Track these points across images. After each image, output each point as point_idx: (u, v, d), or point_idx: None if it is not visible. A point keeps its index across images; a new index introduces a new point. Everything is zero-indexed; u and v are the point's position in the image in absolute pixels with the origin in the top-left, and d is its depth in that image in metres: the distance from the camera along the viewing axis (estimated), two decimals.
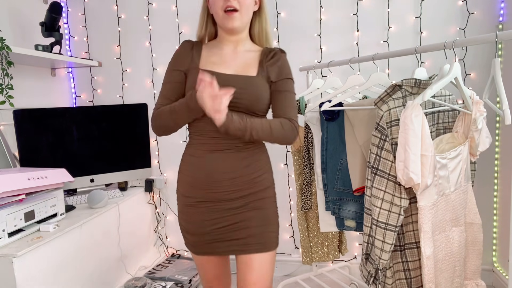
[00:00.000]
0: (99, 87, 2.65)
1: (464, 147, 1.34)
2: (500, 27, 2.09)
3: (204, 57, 1.30)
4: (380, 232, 1.28)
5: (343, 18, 2.30)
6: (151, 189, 2.52)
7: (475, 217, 1.40)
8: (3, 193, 1.43)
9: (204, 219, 1.27)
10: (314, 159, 1.82)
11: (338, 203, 1.67)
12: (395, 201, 1.25)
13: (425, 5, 2.19)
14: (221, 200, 1.25)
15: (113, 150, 2.35)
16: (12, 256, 1.41)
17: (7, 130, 2.06)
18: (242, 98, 1.21)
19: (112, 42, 2.59)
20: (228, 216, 1.26)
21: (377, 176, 1.27)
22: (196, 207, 1.28)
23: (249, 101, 1.22)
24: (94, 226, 1.91)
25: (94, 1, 2.58)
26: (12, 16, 2.17)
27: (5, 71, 1.80)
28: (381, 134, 1.27)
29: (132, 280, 2.12)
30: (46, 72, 2.45)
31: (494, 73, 1.22)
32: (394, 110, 1.28)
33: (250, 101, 1.22)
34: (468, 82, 2.16)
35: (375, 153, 1.28)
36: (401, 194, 1.25)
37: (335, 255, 2.10)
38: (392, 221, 1.26)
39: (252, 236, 1.27)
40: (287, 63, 1.32)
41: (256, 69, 1.28)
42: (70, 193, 2.25)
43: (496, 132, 2.14)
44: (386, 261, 1.29)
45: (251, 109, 1.24)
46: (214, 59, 1.29)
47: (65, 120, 2.18)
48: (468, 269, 1.43)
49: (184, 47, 1.32)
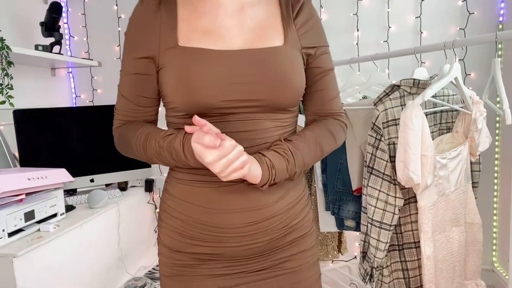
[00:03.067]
0: (99, 87, 2.65)
1: (464, 147, 1.33)
2: (500, 27, 2.09)
3: (185, 21, 0.75)
4: (375, 231, 1.29)
5: (343, 18, 2.30)
6: (151, 189, 2.52)
7: (475, 217, 1.40)
8: (3, 193, 1.43)
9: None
10: None
11: (338, 203, 1.67)
12: (389, 200, 1.26)
13: (425, 5, 2.19)
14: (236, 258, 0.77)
15: (113, 150, 2.32)
16: (12, 256, 1.41)
17: (7, 130, 2.06)
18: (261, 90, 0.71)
19: (112, 42, 2.59)
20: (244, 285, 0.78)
21: (372, 175, 1.28)
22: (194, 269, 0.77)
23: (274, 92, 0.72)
24: (94, 226, 1.90)
25: (94, 1, 2.58)
26: (12, 16, 2.17)
27: (5, 71, 1.80)
28: (377, 134, 1.27)
29: (132, 280, 2.12)
30: (46, 72, 2.44)
31: (494, 73, 1.22)
32: (391, 110, 1.28)
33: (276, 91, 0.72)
34: (468, 82, 2.16)
35: (370, 153, 1.29)
36: (395, 193, 1.26)
37: (335, 255, 2.10)
38: (386, 220, 1.27)
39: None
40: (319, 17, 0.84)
41: (281, 32, 0.77)
42: (70, 193, 2.25)
43: (496, 132, 2.14)
44: (381, 260, 1.30)
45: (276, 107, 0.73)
46: (205, 23, 0.75)
47: (65, 120, 2.18)
48: (468, 269, 1.43)
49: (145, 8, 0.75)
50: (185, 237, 0.77)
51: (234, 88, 0.70)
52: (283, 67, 0.73)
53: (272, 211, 0.75)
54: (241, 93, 0.70)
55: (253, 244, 0.75)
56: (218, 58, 0.71)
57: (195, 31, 0.74)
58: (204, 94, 0.70)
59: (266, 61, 0.72)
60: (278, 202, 0.76)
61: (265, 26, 0.77)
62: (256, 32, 0.75)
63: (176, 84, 0.71)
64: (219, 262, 0.77)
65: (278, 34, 0.77)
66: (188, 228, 0.76)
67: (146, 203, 2.55)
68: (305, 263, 0.81)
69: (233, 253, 0.75)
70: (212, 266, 0.77)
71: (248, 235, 0.74)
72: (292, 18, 0.78)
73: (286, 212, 0.77)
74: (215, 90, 0.70)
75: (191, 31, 0.74)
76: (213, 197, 0.74)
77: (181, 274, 0.78)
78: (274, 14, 0.78)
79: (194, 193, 0.75)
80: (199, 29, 0.74)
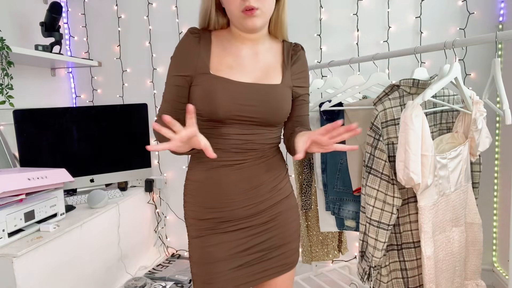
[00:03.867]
0: (99, 87, 2.65)
1: (464, 147, 1.34)
2: (500, 27, 2.09)
3: (216, 56, 1.06)
4: (373, 230, 1.29)
5: (343, 18, 2.30)
6: (151, 189, 2.52)
7: (475, 217, 1.40)
8: (3, 193, 1.43)
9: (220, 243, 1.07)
10: (314, 159, 1.82)
11: (338, 203, 1.67)
12: (387, 200, 1.26)
13: (425, 5, 2.19)
14: (239, 218, 1.07)
15: (113, 150, 2.35)
16: (12, 256, 1.41)
17: (7, 130, 2.06)
18: (261, 112, 1.03)
19: (112, 42, 2.59)
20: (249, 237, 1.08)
21: (370, 175, 1.28)
22: (211, 229, 1.08)
23: (269, 114, 1.04)
24: (94, 226, 1.90)
25: (94, 1, 2.58)
26: (12, 16, 2.17)
27: (5, 71, 1.80)
28: (375, 134, 1.27)
29: (132, 280, 2.12)
30: (46, 72, 2.45)
31: (494, 73, 1.22)
32: (390, 110, 1.28)
33: (271, 114, 1.05)
34: (468, 82, 2.16)
35: (369, 152, 1.29)
36: (393, 193, 1.26)
37: (335, 255, 2.10)
38: (384, 219, 1.27)
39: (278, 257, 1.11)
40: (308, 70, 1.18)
41: (280, 74, 1.09)
42: (70, 193, 2.25)
43: (496, 132, 2.14)
44: (378, 259, 1.30)
45: (269, 123, 1.06)
46: (229, 60, 1.05)
47: (65, 120, 2.18)
48: (468, 269, 1.43)
49: (189, 41, 1.06)
50: (204, 208, 1.08)
51: (243, 108, 1.02)
52: (278, 99, 1.06)
53: (261, 180, 1.08)
54: (247, 112, 1.02)
55: (252, 205, 1.07)
56: (236, 86, 1.02)
57: (222, 64, 1.05)
58: (222, 109, 1.01)
59: (267, 94, 1.04)
60: (264, 174, 1.09)
61: (270, 68, 1.09)
62: (263, 72, 1.07)
63: (204, 98, 1.02)
64: (230, 222, 1.07)
65: (278, 75, 1.09)
66: (206, 201, 1.08)
67: (146, 203, 2.55)
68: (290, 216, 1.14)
69: (239, 214, 1.06)
70: (225, 226, 1.07)
71: (247, 199, 1.06)
72: (290, 65, 1.11)
73: (270, 180, 1.10)
74: (230, 108, 1.01)
75: (219, 64, 1.05)
76: (220, 176, 1.06)
77: (203, 235, 1.08)
78: (278, 60, 1.11)
79: (207, 176, 1.07)
80: (225, 63, 1.05)
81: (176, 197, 2.63)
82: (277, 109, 1.06)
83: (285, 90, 1.08)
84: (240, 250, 1.08)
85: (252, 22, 1.00)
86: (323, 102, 1.68)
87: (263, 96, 1.03)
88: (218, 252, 1.06)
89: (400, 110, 1.30)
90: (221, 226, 1.07)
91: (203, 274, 1.08)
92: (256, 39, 1.08)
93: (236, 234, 1.07)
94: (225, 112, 1.01)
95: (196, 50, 1.05)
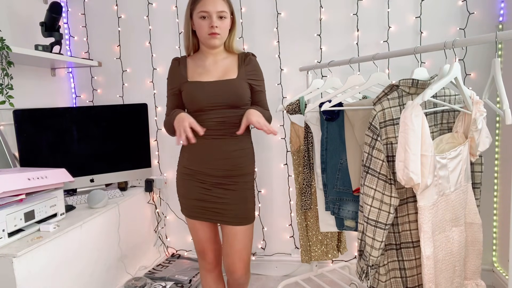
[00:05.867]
0: (99, 87, 2.65)
1: (464, 147, 1.34)
2: (500, 27, 2.09)
3: (191, 69, 1.60)
4: (370, 230, 1.29)
5: (343, 18, 2.30)
6: (151, 189, 2.52)
7: (475, 217, 1.40)
8: (3, 193, 1.43)
9: (196, 186, 1.59)
10: (314, 159, 1.82)
11: (338, 203, 1.67)
12: (385, 200, 1.26)
13: (425, 5, 2.19)
14: (211, 175, 1.56)
15: (113, 150, 2.35)
16: (12, 256, 1.41)
17: (7, 130, 2.06)
18: (227, 98, 1.52)
19: (112, 42, 2.59)
20: (214, 189, 1.57)
21: (368, 174, 1.28)
22: (192, 176, 1.59)
23: (233, 99, 1.53)
24: (94, 226, 1.91)
25: (94, 1, 2.58)
26: (12, 16, 2.17)
27: (5, 71, 1.80)
28: (373, 134, 1.27)
29: (132, 280, 2.12)
30: (46, 72, 2.45)
31: (494, 73, 1.22)
32: (389, 110, 1.28)
33: (234, 99, 1.53)
34: (468, 82, 2.16)
35: (367, 152, 1.29)
36: (391, 193, 1.26)
37: (334, 255, 2.10)
38: (382, 219, 1.27)
39: (232, 211, 1.57)
40: (259, 66, 1.66)
41: (236, 72, 1.59)
42: (70, 193, 2.25)
43: (496, 132, 2.14)
44: (376, 258, 1.30)
45: (235, 105, 1.54)
46: (200, 70, 1.59)
47: (65, 120, 2.19)
48: (468, 269, 1.43)
49: (173, 66, 1.65)
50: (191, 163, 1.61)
51: (213, 99, 1.53)
52: (236, 87, 1.55)
53: (229, 155, 1.56)
54: (216, 100, 1.53)
55: (220, 168, 1.56)
56: (206, 85, 1.55)
57: (195, 73, 1.60)
58: (199, 102, 1.54)
59: (227, 85, 1.55)
60: (234, 152, 1.57)
61: (227, 69, 1.60)
62: (222, 72, 1.59)
63: (188, 97, 1.57)
64: (204, 175, 1.57)
65: (234, 73, 1.59)
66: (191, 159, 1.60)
67: (146, 203, 2.55)
68: (242, 188, 1.60)
69: (211, 172, 1.56)
70: (200, 176, 1.58)
71: (218, 164, 1.56)
72: (244, 66, 1.61)
73: (236, 157, 1.57)
74: (204, 100, 1.53)
75: (193, 74, 1.60)
76: (203, 146, 1.55)
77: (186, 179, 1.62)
78: (234, 64, 1.62)
79: (193, 147, 1.55)
80: (197, 72, 1.60)
81: (176, 197, 2.62)
82: (236, 95, 1.54)
83: (241, 82, 1.57)
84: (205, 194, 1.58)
85: (214, 42, 1.54)
86: (323, 102, 1.68)
87: (225, 87, 1.54)
88: (192, 192, 1.60)
89: (399, 110, 1.30)
90: (197, 176, 1.58)
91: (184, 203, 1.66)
92: (216, 52, 1.61)
93: (206, 184, 1.58)
94: (201, 104, 1.53)
95: (178, 70, 1.62)
